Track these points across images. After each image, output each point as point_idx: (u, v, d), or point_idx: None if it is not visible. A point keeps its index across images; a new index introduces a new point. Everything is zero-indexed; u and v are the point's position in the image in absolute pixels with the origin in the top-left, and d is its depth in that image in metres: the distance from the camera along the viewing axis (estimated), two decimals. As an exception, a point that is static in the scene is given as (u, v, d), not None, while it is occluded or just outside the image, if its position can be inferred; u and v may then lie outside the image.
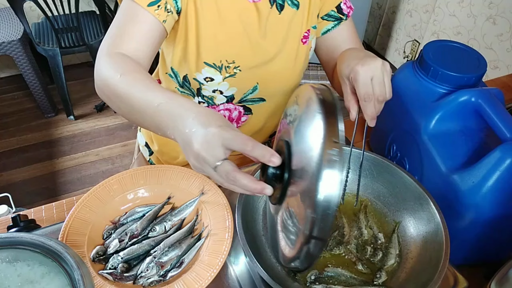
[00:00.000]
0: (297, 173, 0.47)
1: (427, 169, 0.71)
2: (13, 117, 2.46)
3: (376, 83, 0.59)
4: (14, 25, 2.20)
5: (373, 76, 0.59)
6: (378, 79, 0.59)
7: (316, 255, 0.47)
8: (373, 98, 0.60)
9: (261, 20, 0.78)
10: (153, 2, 0.70)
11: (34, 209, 0.79)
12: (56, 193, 2.01)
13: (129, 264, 0.64)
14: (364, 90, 0.60)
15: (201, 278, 0.60)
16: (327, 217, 0.43)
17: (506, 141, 0.59)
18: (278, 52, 0.83)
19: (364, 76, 0.59)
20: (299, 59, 0.86)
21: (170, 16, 0.73)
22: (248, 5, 0.77)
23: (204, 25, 0.75)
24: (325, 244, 0.61)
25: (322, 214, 0.43)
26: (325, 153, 0.43)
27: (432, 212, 0.62)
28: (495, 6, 2.03)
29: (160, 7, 0.70)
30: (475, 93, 0.66)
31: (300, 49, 0.85)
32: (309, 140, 0.46)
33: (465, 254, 0.68)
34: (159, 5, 0.70)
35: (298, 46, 0.84)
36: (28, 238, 0.50)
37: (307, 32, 0.84)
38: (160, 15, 0.71)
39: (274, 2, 0.78)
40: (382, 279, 0.62)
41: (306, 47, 0.86)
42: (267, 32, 0.80)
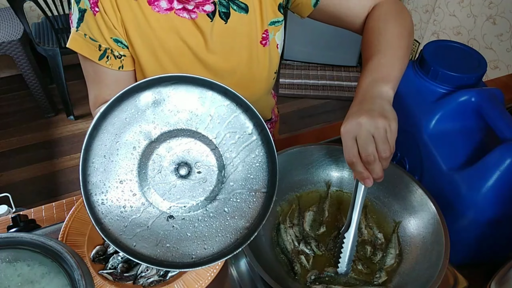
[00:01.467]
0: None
1: (427, 169, 0.71)
2: (13, 117, 2.46)
3: (359, 143, 0.54)
4: (14, 25, 2.19)
5: (357, 135, 0.54)
6: (380, 137, 0.53)
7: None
8: (358, 158, 0.55)
9: (205, 35, 0.76)
10: (101, 56, 0.73)
11: (34, 209, 0.79)
12: (56, 193, 2.01)
13: (129, 264, 0.64)
14: (345, 152, 0.56)
15: (201, 278, 0.60)
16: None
17: (506, 141, 0.59)
18: (236, 62, 0.81)
19: (345, 138, 0.55)
20: (262, 62, 0.83)
21: (125, 58, 0.75)
22: (187, 23, 0.74)
23: (144, 54, 0.75)
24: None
25: None
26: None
27: (432, 212, 0.62)
28: (495, 6, 2.03)
29: (109, 57, 0.73)
30: (475, 93, 0.66)
31: (260, 52, 0.82)
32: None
33: (465, 254, 0.68)
34: (108, 56, 0.73)
35: (258, 50, 0.81)
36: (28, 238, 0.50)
37: (265, 33, 0.80)
38: (113, 64, 0.74)
39: (214, 14, 0.75)
40: (382, 279, 0.62)
41: (268, 48, 0.82)
42: (216, 45, 0.77)
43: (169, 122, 0.56)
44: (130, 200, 0.54)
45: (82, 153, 0.51)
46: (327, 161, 0.74)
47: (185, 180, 0.57)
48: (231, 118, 0.57)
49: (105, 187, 0.53)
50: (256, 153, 0.59)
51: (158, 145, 0.56)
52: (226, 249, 0.56)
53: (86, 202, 0.50)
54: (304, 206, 0.73)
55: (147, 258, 0.53)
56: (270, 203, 0.57)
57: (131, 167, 0.55)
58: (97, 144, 0.52)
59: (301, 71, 2.85)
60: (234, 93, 0.56)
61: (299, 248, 0.66)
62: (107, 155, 0.53)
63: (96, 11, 0.69)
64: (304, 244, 0.66)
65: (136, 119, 0.54)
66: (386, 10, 0.73)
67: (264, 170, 0.59)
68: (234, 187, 0.59)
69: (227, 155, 0.58)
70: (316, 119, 2.48)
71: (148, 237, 0.54)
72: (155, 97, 0.55)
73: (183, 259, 0.55)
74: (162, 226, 0.56)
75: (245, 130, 0.58)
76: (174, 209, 0.57)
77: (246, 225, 0.57)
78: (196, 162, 0.57)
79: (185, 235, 0.56)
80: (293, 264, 0.64)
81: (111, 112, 0.53)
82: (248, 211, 0.58)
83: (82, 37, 0.72)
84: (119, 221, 0.53)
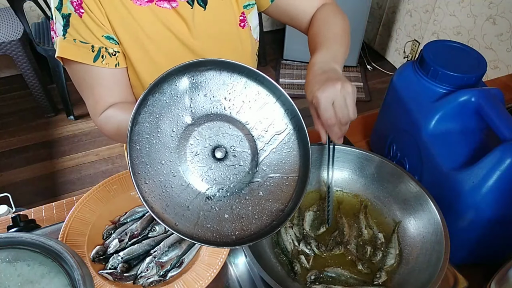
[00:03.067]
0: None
1: (427, 169, 0.71)
2: (13, 117, 2.46)
3: (337, 106, 0.59)
4: (14, 25, 2.19)
5: (334, 100, 0.59)
6: (339, 103, 0.59)
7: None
8: (336, 121, 0.60)
9: (188, 22, 0.77)
10: (96, 57, 0.72)
11: (34, 209, 0.79)
12: (56, 193, 2.01)
13: (129, 264, 0.65)
14: (325, 115, 0.60)
15: (201, 278, 0.60)
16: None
17: (506, 141, 0.59)
18: (220, 47, 0.83)
19: (324, 102, 0.59)
20: (244, 43, 0.86)
21: (119, 55, 0.75)
22: (169, 13, 0.76)
23: (132, 47, 0.75)
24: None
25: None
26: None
27: (432, 212, 0.62)
28: (495, 6, 2.03)
29: (104, 56, 0.73)
30: (475, 93, 0.66)
31: (241, 34, 0.85)
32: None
33: (465, 254, 0.68)
34: (103, 55, 0.72)
35: (238, 32, 0.84)
36: (28, 238, 0.50)
37: (242, 15, 0.83)
38: (109, 63, 0.74)
39: (193, 1, 0.77)
40: (382, 279, 0.62)
41: (247, 29, 0.85)
42: (199, 31, 0.79)
43: (204, 106, 0.57)
44: (170, 181, 0.56)
45: (128, 133, 0.52)
46: (326, 161, 0.74)
47: (221, 163, 0.58)
48: (263, 104, 0.59)
49: (147, 167, 0.54)
50: (287, 139, 0.61)
51: (196, 128, 0.57)
52: (263, 230, 0.57)
53: (133, 179, 0.52)
54: (304, 206, 0.73)
55: (190, 236, 0.54)
56: (303, 187, 0.58)
57: (171, 149, 0.56)
58: (139, 127, 0.54)
59: (301, 71, 2.85)
60: (268, 79, 0.57)
61: (299, 248, 0.66)
62: (149, 136, 0.55)
63: (82, 12, 0.69)
64: (304, 244, 0.66)
65: (174, 102, 0.56)
66: (329, 12, 0.82)
67: (296, 155, 0.61)
68: (267, 171, 0.60)
69: (260, 140, 0.60)
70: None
71: (189, 217, 0.56)
72: (192, 81, 0.56)
73: (224, 239, 0.56)
74: (201, 207, 0.57)
75: (277, 116, 0.60)
76: (211, 191, 0.58)
77: (280, 208, 0.59)
78: (231, 146, 0.59)
79: (224, 217, 0.57)
80: (293, 264, 0.64)
81: (152, 95, 0.54)
82: (281, 195, 0.60)
83: (71, 43, 0.70)
84: (161, 200, 0.54)
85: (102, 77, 0.74)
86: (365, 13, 2.61)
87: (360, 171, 0.74)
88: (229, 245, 0.56)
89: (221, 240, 0.55)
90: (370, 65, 2.93)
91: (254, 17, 0.87)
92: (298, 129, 0.60)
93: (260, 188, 0.60)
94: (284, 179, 0.60)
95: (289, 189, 0.60)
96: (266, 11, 0.87)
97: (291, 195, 0.59)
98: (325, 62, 0.68)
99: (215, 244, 0.55)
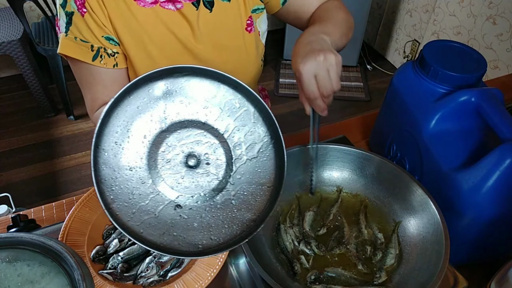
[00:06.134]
0: None
1: (427, 169, 0.71)
2: (13, 117, 2.46)
3: (320, 80, 0.58)
4: (14, 25, 2.19)
5: (316, 73, 0.58)
6: (321, 76, 0.58)
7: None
8: (318, 95, 0.59)
9: (192, 24, 0.76)
10: (95, 56, 0.73)
11: (34, 209, 0.79)
12: (56, 193, 2.01)
13: (129, 264, 0.64)
14: (308, 89, 0.59)
15: (201, 278, 0.60)
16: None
17: (506, 141, 0.59)
18: (224, 51, 0.81)
19: (306, 75, 0.58)
20: (250, 49, 0.84)
21: (118, 56, 0.75)
22: (173, 14, 0.75)
23: (134, 49, 0.75)
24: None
25: None
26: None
27: (432, 212, 0.62)
28: (495, 6, 2.03)
29: (103, 56, 0.73)
30: (475, 93, 0.66)
31: (247, 39, 0.83)
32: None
33: (465, 254, 0.68)
34: (101, 55, 0.73)
35: (244, 36, 0.82)
36: (28, 238, 0.50)
37: (249, 20, 0.82)
38: (107, 63, 0.74)
39: (199, 3, 0.76)
40: (382, 279, 0.62)
41: (254, 34, 0.84)
42: (203, 34, 0.78)
43: (180, 113, 0.56)
44: (139, 188, 0.55)
45: (94, 138, 0.51)
46: (327, 161, 0.74)
47: (193, 171, 0.58)
48: (241, 112, 0.58)
49: (115, 173, 0.53)
50: (264, 148, 0.59)
51: (169, 134, 0.56)
52: (232, 240, 0.56)
53: (96, 187, 0.51)
54: (304, 206, 0.73)
55: (154, 245, 0.53)
56: (276, 197, 0.57)
57: (141, 155, 0.55)
58: (108, 130, 0.53)
59: (301, 71, 2.85)
60: (245, 87, 0.57)
61: (299, 248, 0.66)
62: (118, 142, 0.54)
63: (84, 11, 0.69)
64: (304, 244, 0.66)
65: (148, 108, 0.55)
66: (332, 6, 0.81)
67: (272, 165, 0.60)
68: (242, 180, 0.59)
69: (236, 148, 0.59)
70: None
71: (155, 225, 0.55)
72: (167, 88, 0.55)
73: (190, 248, 0.55)
74: (170, 215, 0.56)
75: (254, 125, 0.59)
76: (181, 199, 0.57)
77: (252, 218, 0.57)
78: (205, 153, 0.58)
79: (192, 225, 0.56)
80: (293, 264, 0.64)
81: (123, 100, 0.53)
82: (255, 204, 0.58)
83: (72, 40, 0.71)
84: (127, 207, 0.53)
85: (100, 76, 0.75)
86: (365, 13, 2.61)
87: (360, 171, 0.74)
88: (194, 255, 0.55)
89: (186, 250, 0.54)
90: (370, 65, 2.93)
91: (263, 22, 0.86)
92: (275, 139, 0.59)
93: (233, 197, 0.59)
94: (258, 188, 0.59)
95: (263, 199, 0.59)
96: (275, 14, 0.86)
97: (264, 205, 0.58)
98: (313, 33, 0.66)
99: (179, 254, 0.53)
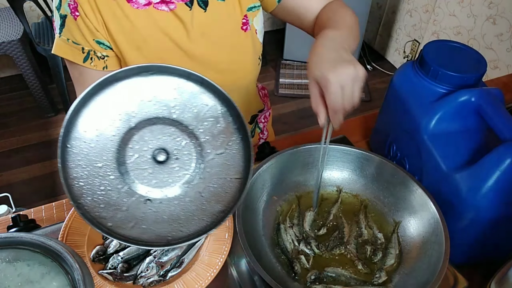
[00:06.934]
0: None
1: (427, 169, 0.71)
2: (13, 117, 2.46)
3: (346, 92, 0.56)
4: (14, 25, 2.19)
5: (344, 85, 0.56)
6: (348, 89, 0.56)
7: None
8: (342, 107, 0.57)
9: (186, 25, 0.76)
10: (85, 58, 0.75)
11: (34, 209, 0.79)
12: (56, 193, 2.01)
13: (129, 264, 0.64)
14: (334, 100, 0.56)
15: (201, 278, 0.60)
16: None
17: (506, 141, 0.59)
18: (220, 50, 0.81)
19: (335, 86, 0.55)
20: (246, 48, 0.84)
21: (108, 59, 0.76)
22: (167, 15, 0.75)
23: (130, 52, 0.76)
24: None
25: None
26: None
27: (432, 212, 0.62)
28: (495, 6, 2.03)
29: (92, 59, 0.75)
30: (475, 93, 0.66)
31: (243, 38, 0.82)
32: None
33: (465, 254, 0.68)
34: (91, 58, 0.75)
35: (239, 35, 0.82)
36: (28, 238, 0.50)
37: (244, 18, 0.81)
38: (97, 65, 0.76)
39: (193, 2, 0.76)
40: (382, 279, 0.62)
41: (250, 33, 0.83)
42: (198, 34, 0.78)
43: (148, 111, 0.58)
44: (108, 183, 0.56)
45: (61, 137, 0.52)
46: (327, 161, 0.74)
47: (162, 166, 0.59)
48: (208, 107, 0.60)
49: (84, 170, 0.55)
50: (232, 141, 0.61)
51: (137, 131, 0.58)
52: (202, 231, 0.58)
53: (64, 183, 0.52)
54: (304, 206, 0.73)
55: (122, 238, 0.55)
56: (244, 188, 0.59)
57: (110, 152, 0.57)
58: (77, 129, 0.54)
59: (301, 71, 2.86)
60: (210, 82, 0.58)
61: (299, 248, 0.66)
62: (87, 141, 0.55)
63: (77, 15, 0.71)
64: (304, 244, 0.66)
65: (115, 107, 0.56)
66: (338, 6, 0.80)
67: (240, 157, 0.61)
68: (211, 173, 0.61)
69: (204, 142, 0.60)
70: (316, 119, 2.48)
71: (124, 219, 0.56)
72: (134, 87, 0.57)
73: (159, 240, 0.57)
74: (140, 209, 0.57)
75: (222, 118, 0.60)
76: (151, 193, 0.58)
77: (222, 209, 0.59)
78: (174, 148, 0.59)
79: (162, 218, 0.58)
80: (293, 264, 0.64)
81: (90, 100, 0.55)
82: (224, 196, 0.60)
83: (65, 42, 0.74)
84: (96, 202, 0.55)
85: (91, 77, 0.76)
86: (365, 13, 2.61)
87: (360, 171, 0.74)
88: (162, 246, 0.56)
89: (155, 241, 0.56)
90: (370, 65, 2.93)
91: (260, 20, 0.86)
92: (242, 130, 0.61)
93: (202, 190, 0.60)
94: (228, 180, 0.61)
95: (233, 191, 0.60)
96: (272, 12, 0.85)
97: (233, 196, 0.60)
98: (335, 40, 0.63)
99: (147, 246, 0.56)
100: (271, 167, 0.70)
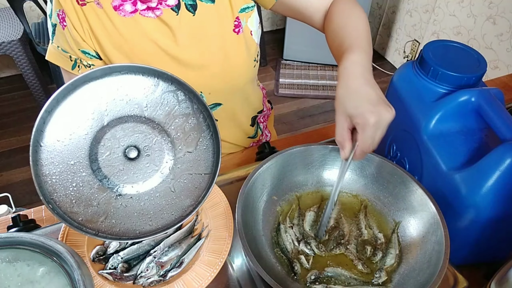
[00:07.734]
0: None
1: (427, 169, 0.71)
2: (13, 117, 2.46)
3: (378, 135, 0.57)
4: (14, 25, 2.19)
5: (380, 128, 0.57)
6: (382, 132, 0.57)
7: None
8: (372, 148, 0.58)
9: (173, 30, 0.76)
10: (73, 66, 0.77)
11: (34, 209, 0.79)
12: (56, 193, 2.01)
13: (129, 264, 0.64)
14: (367, 141, 0.57)
15: (201, 278, 0.60)
16: None
17: (506, 141, 0.59)
18: (210, 54, 0.80)
19: (374, 127, 0.56)
20: (238, 50, 0.82)
21: (94, 68, 0.76)
22: (154, 22, 0.75)
23: (118, 60, 0.76)
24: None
25: None
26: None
27: (432, 212, 0.62)
28: (495, 6, 2.03)
29: (80, 67, 0.77)
30: (475, 93, 0.66)
31: (234, 41, 0.81)
32: None
33: (465, 254, 0.68)
34: (78, 66, 0.77)
35: (231, 39, 0.80)
36: (28, 238, 0.50)
37: (236, 20, 0.80)
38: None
39: (179, 8, 0.75)
40: (382, 279, 0.62)
41: (243, 35, 0.82)
42: (186, 39, 0.77)
43: (120, 110, 0.60)
44: (80, 180, 0.58)
45: (33, 135, 0.54)
46: (327, 161, 0.74)
47: (134, 162, 0.61)
48: (179, 104, 0.62)
49: (57, 167, 0.56)
50: (202, 137, 0.64)
51: (109, 129, 0.59)
52: (169, 225, 0.61)
53: (35, 179, 0.54)
54: (304, 206, 0.73)
55: (92, 232, 0.57)
56: (212, 183, 0.62)
57: (83, 150, 0.58)
58: (50, 127, 0.56)
59: (301, 71, 2.86)
60: (180, 80, 0.60)
61: (299, 248, 0.66)
62: (60, 139, 0.57)
63: (64, 25, 0.72)
64: (304, 244, 0.66)
65: (88, 106, 0.58)
66: (347, 5, 0.77)
67: (210, 153, 0.64)
68: (182, 169, 0.63)
69: (175, 139, 0.63)
70: (316, 119, 2.48)
71: (95, 213, 0.58)
72: (106, 86, 0.58)
73: (128, 233, 0.59)
74: (110, 204, 0.60)
75: (192, 115, 0.63)
76: (122, 189, 0.61)
77: (191, 203, 0.62)
78: (145, 145, 0.61)
79: (132, 213, 0.61)
80: (293, 264, 0.64)
81: (64, 99, 0.56)
82: (194, 191, 0.63)
83: (56, 49, 0.77)
84: (68, 197, 0.57)
85: None
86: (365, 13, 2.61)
87: (360, 171, 0.74)
88: (130, 239, 0.59)
89: (124, 235, 0.59)
90: (370, 65, 2.93)
91: (255, 21, 0.85)
92: (212, 127, 0.63)
93: (173, 185, 0.62)
94: (197, 176, 0.63)
95: (203, 186, 0.63)
96: (272, 8, 0.84)
97: (203, 191, 0.63)
98: (364, 66, 0.62)
99: (115, 239, 0.58)
100: (271, 167, 0.70)
